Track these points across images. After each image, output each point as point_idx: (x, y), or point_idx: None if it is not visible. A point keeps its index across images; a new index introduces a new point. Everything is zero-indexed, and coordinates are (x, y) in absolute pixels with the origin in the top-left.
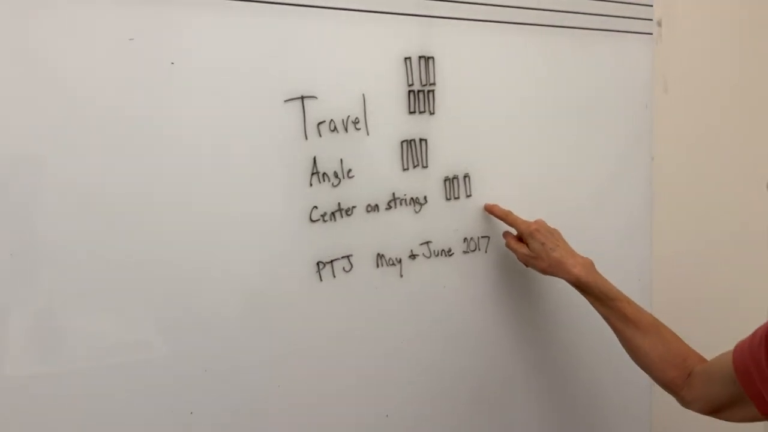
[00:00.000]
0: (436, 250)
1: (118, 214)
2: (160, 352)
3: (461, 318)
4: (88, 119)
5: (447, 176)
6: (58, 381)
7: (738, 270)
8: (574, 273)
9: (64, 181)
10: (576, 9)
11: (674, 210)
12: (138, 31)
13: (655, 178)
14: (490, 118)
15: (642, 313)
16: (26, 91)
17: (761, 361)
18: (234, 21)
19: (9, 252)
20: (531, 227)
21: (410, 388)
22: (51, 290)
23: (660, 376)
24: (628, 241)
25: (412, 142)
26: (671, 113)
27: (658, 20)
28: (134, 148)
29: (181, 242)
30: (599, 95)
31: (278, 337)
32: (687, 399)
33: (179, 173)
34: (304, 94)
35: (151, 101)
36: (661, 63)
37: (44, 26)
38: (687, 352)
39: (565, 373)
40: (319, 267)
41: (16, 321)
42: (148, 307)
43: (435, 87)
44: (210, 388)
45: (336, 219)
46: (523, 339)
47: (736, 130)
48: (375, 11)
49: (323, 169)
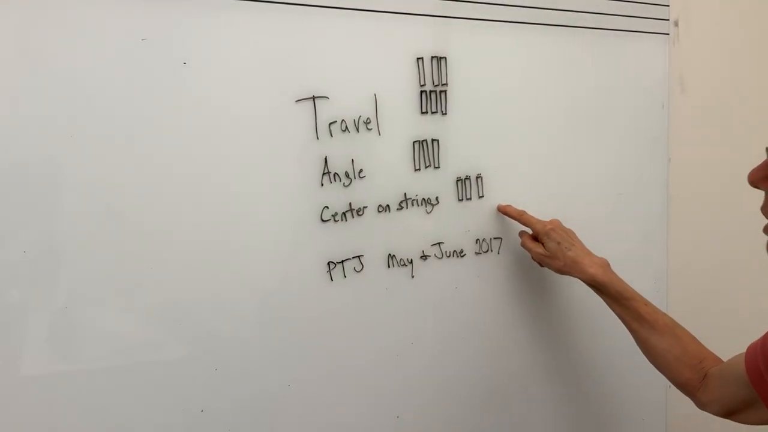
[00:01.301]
0: (448, 251)
1: (129, 214)
2: (172, 352)
3: (473, 319)
4: (101, 119)
5: (459, 177)
6: (70, 380)
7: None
8: (590, 272)
9: (77, 182)
10: (591, 9)
11: (691, 212)
12: (150, 31)
13: (672, 180)
14: (503, 119)
15: (658, 313)
16: (39, 91)
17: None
18: (246, 21)
19: (22, 250)
20: (547, 226)
21: (422, 389)
22: (64, 290)
23: (676, 378)
24: (644, 243)
25: (424, 143)
26: (688, 114)
27: (675, 20)
28: (146, 148)
29: (192, 242)
30: (615, 96)
31: (289, 336)
32: (703, 401)
33: (191, 173)
34: (315, 94)
35: (164, 101)
36: (678, 63)
37: (56, 27)
38: (703, 353)
39: (579, 374)
40: (330, 267)
41: (31, 321)
42: (161, 307)
43: (447, 87)
44: (221, 387)
45: (347, 219)
46: (535, 340)
47: (754, 131)
48: (387, 11)
49: (334, 169)
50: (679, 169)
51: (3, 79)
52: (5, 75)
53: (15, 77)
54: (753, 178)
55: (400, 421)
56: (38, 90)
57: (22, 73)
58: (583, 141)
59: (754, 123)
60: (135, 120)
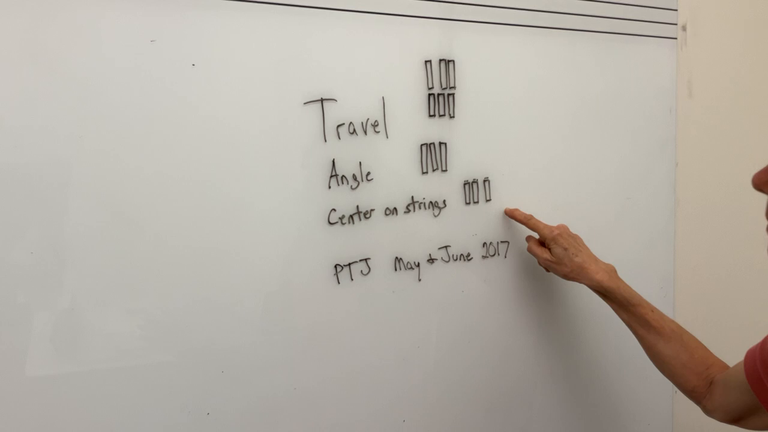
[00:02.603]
0: (455, 255)
1: (136, 216)
2: (178, 354)
3: (479, 323)
4: (110, 121)
5: (467, 180)
6: (75, 381)
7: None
8: (597, 279)
9: (85, 183)
10: (600, 13)
11: (698, 216)
12: (159, 32)
13: (679, 184)
14: (511, 123)
15: (665, 319)
16: (48, 93)
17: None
18: (255, 23)
19: (29, 251)
20: (554, 232)
21: (427, 393)
22: (71, 291)
23: (682, 384)
24: (651, 249)
25: (431, 146)
26: (696, 118)
27: (683, 25)
28: (154, 150)
29: (198, 244)
30: (623, 100)
31: (295, 339)
32: (709, 408)
33: (198, 175)
34: (323, 97)
35: (172, 103)
36: (686, 68)
37: (66, 28)
38: (710, 360)
39: (585, 379)
40: (337, 270)
41: (37, 321)
42: (167, 308)
43: (455, 90)
44: (227, 390)
45: (354, 222)
46: (541, 345)
47: (761, 136)
48: (396, 14)
49: (342, 172)
50: (687, 173)
51: (12, 80)
52: (14, 76)
53: (23, 78)
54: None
55: (406, 425)
56: (46, 91)
57: (30, 74)
58: (590, 145)
59: (762, 127)
60: (143, 121)
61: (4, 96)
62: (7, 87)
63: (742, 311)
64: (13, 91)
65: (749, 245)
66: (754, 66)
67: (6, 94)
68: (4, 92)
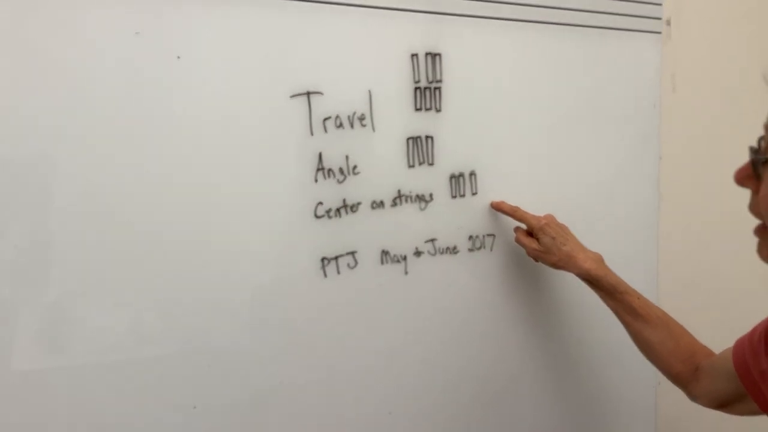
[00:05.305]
0: (441, 248)
1: (121, 210)
2: (164, 348)
3: (466, 316)
4: (94, 114)
5: (453, 174)
6: (61, 375)
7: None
8: (585, 267)
9: (69, 176)
10: (584, 7)
11: (681, 209)
12: (144, 24)
13: (663, 178)
14: (497, 116)
15: (651, 307)
16: (32, 86)
17: (760, 357)
18: (240, 15)
19: (14, 244)
20: (541, 221)
21: (414, 385)
22: (56, 285)
23: (668, 370)
24: (635, 241)
25: (418, 139)
26: (679, 112)
27: (667, 19)
28: (140, 143)
29: (184, 238)
30: (607, 94)
31: (282, 333)
32: (694, 393)
33: (183, 168)
34: (310, 90)
35: (157, 95)
36: (670, 62)
37: (49, 20)
38: (695, 346)
39: (571, 371)
40: (324, 263)
41: (22, 316)
42: (153, 303)
43: (442, 84)
44: (213, 384)
45: (341, 215)
46: (527, 337)
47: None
48: (382, 7)
49: (329, 165)
50: (670, 167)
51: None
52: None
53: (6, 72)
54: (738, 177)
55: (392, 417)
56: (29, 84)
57: (14, 67)
58: (575, 138)
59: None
60: (128, 114)
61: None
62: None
63: (724, 301)
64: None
65: (730, 236)
66: (738, 60)
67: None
68: None
